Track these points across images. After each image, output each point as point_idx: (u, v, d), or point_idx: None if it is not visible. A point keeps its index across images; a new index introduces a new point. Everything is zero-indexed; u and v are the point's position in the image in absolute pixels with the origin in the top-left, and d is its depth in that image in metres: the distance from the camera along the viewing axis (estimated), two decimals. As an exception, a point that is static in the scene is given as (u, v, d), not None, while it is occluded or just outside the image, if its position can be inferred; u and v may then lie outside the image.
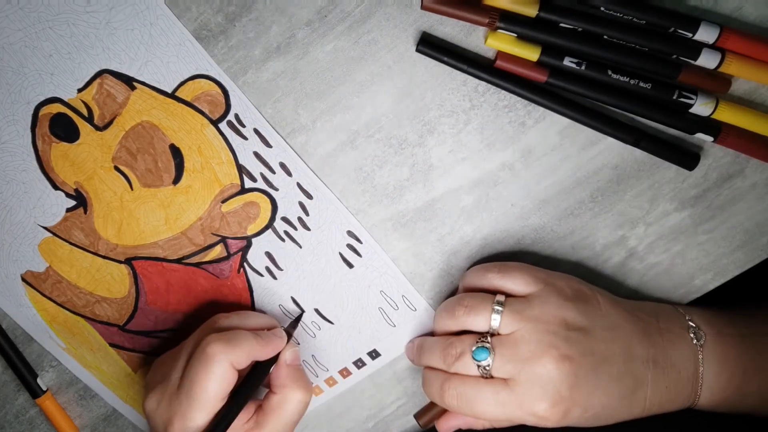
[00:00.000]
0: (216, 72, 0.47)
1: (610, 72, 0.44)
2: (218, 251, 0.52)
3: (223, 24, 0.46)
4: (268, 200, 0.50)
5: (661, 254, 0.51)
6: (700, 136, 0.46)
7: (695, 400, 0.48)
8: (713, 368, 0.47)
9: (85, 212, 0.51)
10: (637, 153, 0.48)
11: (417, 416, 0.53)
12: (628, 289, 0.52)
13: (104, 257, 0.53)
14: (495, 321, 0.46)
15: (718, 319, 0.49)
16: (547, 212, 0.50)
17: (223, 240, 0.52)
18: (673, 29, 0.43)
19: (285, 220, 0.51)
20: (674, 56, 0.44)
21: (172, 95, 0.47)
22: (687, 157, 0.47)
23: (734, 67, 0.43)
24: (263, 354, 0.48)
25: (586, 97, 0.45)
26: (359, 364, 0.56)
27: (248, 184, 0.50)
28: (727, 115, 0.45)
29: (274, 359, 0.50)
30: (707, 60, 0.43)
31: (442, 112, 0.48)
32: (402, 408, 0.57)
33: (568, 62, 0.44)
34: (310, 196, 0.50)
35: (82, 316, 0.55)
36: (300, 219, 0.51)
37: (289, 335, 0.51)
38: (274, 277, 0.53)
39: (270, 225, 0.51)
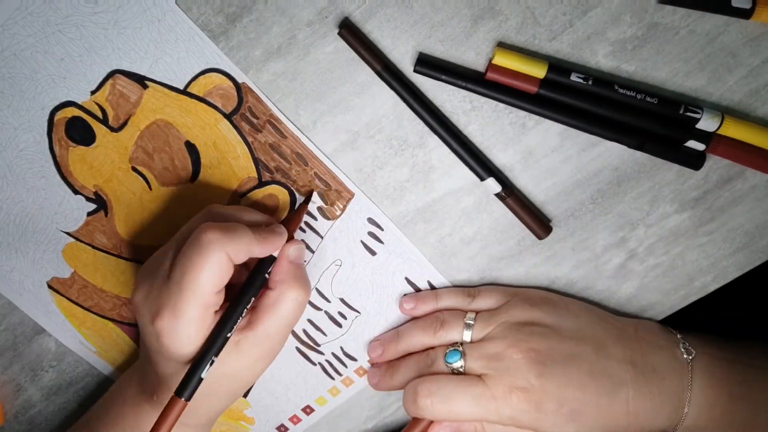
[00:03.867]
0: (227, 65, 0.46)
1: (616, 87, 0.45)
2: (240, 246, 0.52)
3: (224, 24, 0.46)
4: (286, 192, 0.50)
5: (661, 256, 0.50)
6: (692, 144, 0.45)
7: (682, 416, 0.47)
8: (700, 383, 0.47)
9: (106, 215, 0.51)
10: (638, 155, 0.47)
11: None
12: (627, 291, 0.52)
13: (128, 259, 0.53)
14: (467, 333, 0.48)
15: (706, 341, 0.49)
16: (547, 214, 0.50)
17: (244, 235, 0.51)
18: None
19: (306, 211, 0.50)
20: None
21: (184, 91, 0.47)
22: (692, 157, 0.46)
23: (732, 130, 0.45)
24: (261, 251, 0.44)
25: (587, 112, 0.46)
26: (388, 352, 0.55)
27: (265, 177, 0.50)
28: (732, 129, 0.45)
29: (273, 258, 0.46)
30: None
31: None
32: (401, 409, 0.56)
33: (575, 78, 0.45)
34: (328, 185, 0.50)
35: (110, 320, 0.55)
36: (320, 209, 0.50)
37: (293, 229, 0.48)
38: (298, 269, 0.52)
39: (290, 217, 0.51)
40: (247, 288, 0.44)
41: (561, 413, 0.45)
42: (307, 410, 0.58)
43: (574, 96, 0.45)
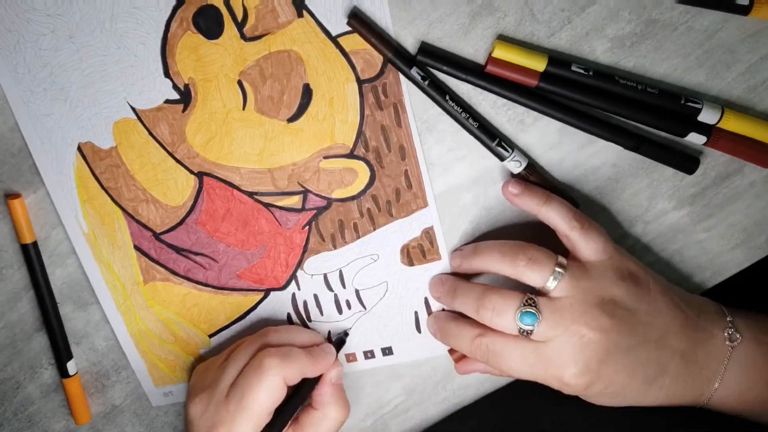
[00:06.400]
0: (387, 26, 0.46)
1: (617, 78, 0.45)
2: (294, 201, 0.51)
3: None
4: (368, 173, 0.50)
5: (659, 253, 0.51)
6: (692, 137, 0.45)
7: (708, 399, 0.48)
8: (736, 372, 0.47)
9: (184, 111, 0.48)
10: (636, 151, 0.47)
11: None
12: None
13: (178, 161, 0.50)
14: (552, 282, 0.45)
15: (763, 325, 0.48)
16: None
17: (305, 192, 0.50)
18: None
19: (374, 198, 0.50)
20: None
21: (333, 38, 0.46)
22: (687, 161, 0.47)
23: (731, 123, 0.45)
24: (314, 371, 0.50)
25: (587, 105, 0.46)
26: (368, 355, 0.56)
27: (359, 151, 0.49)
28: (732, 123, 0.45)
29: (318, 376, 0.51)
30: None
31: (440, 110, 0.47)
32: (400, 406, 0.57)
33: (575, 68, 0.44)
34: (410, 186, 0.50)
35: (122, 209, 0.51)
36: (389, 203, 0.51)
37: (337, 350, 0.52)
38: (334, 247, 0.52)
39: (357, 197, 0.50)
40: (291, 407, 0.50)
41: (605, 393, 0.46)
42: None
43: (575, 89, 0.45)
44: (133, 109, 0.48)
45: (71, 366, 0.55)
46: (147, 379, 0.57)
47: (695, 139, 0.46)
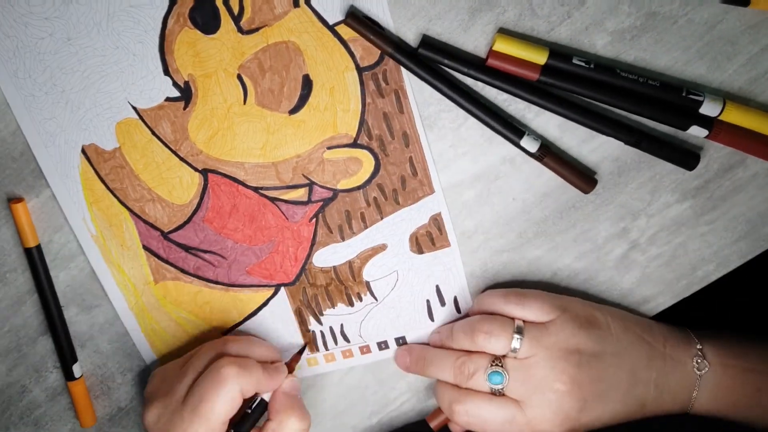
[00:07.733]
0: (387, 22, 0.45)
1: (618, 71, 0.45)
2: (300, 193, 0.50)
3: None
4: (373, 162, 0.49)
5: (663, 246, 0.51)
6: (694, 129, 0.45)
7: (687, 409, 0.51)
8: (704, 397, 0.50)
9: (185, 108, 0.48)
10: (638, 145, 0.47)
11: (429, 418, 0.54)
12: (630, 281, 0.52)
13: (182, 159, 0.49)
14: (514, 347, 0.48)
15: (732, 348, 0.51)
16: (549, 205, 0.50)
17: (311, 184, 0.50)
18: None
19: (380, 187, 0.50)
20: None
21: (330, 27, 0.46)
22: (688, 157, 0.47)
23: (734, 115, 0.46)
24: (268, 386, 0.49)
25: (588, 99, 0.46)
26: (383, 346, 0.55)
27: (362, 140, 0.49)
28: (734, 115, 0.45)
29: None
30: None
31: (442, 107, 0.47)
32: (406, 404, 0.57)
33: (577, 61, 0.44)
34: (415, 174, 0.50)
35: (129, 210, 0.51)
36: (395, 191, 0.50)
37: (291, 368, 0.52)
38: (342, 238, 0.52)
39: (363, 186, 0.50)
40: (247, 422, 0.49)
41: (585, 429, 0.48)
42: (277, 369, 0.57)
43: (576, 82, 0.45)
44: (135, 109, 0.48)
45: (76, 369, 0.55)
46: (163, 380, 0.57)
47: (697, 132, 0.46)
